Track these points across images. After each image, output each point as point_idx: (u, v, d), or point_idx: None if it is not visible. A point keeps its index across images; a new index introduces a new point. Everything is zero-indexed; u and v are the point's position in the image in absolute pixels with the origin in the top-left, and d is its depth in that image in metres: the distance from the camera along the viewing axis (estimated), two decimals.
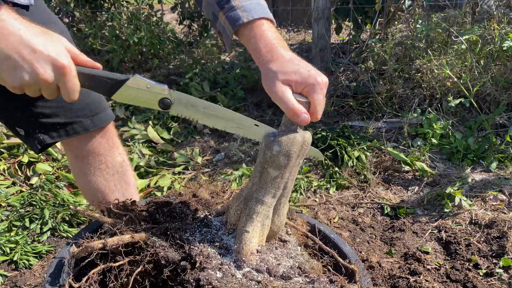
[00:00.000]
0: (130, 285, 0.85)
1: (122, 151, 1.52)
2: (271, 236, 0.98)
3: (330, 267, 0.99)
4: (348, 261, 1.01)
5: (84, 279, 0.83)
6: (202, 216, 1.04)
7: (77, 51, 0.92)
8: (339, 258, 1.00)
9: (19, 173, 2.45)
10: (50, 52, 0.84)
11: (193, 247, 0.90)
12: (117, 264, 0.87)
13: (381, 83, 3.24)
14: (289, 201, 2.19)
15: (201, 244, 0.91)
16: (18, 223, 2.03)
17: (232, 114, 1.01)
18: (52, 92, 0.89)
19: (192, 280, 0.83)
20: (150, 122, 3.11)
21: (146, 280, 0.88)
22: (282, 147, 0.89)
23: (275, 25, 1.03)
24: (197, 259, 0.87)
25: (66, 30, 1.35)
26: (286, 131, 0.90)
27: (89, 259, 0.87)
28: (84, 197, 1.63)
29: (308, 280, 0.89)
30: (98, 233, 0.95)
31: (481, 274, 1.69)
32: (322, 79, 0.91)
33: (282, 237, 1.02)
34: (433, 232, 1.98)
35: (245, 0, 1.00)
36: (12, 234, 1.95)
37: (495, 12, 3.13)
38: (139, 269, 0.87)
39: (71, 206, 2.00)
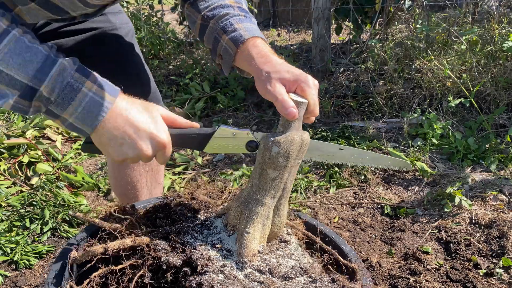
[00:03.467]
0: None
1: None
2: (271, 236, 0.98)
3: (331, 267, 0.99)
4: (348, 260, 1.01)
5: (86, 281, 0.83)
6: (202, 218, 1.04)
7: (174, 116, 0.98)
8: (339, 257, 1.00)
9: (20, 173, 2.45)
10: (152, 129, 0.90)
11: (194, 250, 0.90)
12: (119, 267, 0.87)
13: (381, 83, 3.24)
14: (289, 203, 2.19)
15: (202, 246, 0.91)
16: (18, 223, 2.03)
17: (316, 143, 1.05)
18: (149, 160, 0.96)
19: (194, 285, 0.83)
20: None
21: (148, 284, 0.88)
22: (280, 148, 0.88)
23: (267, 43, 1.11)
24: (198, 263, 0.86)
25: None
26: (284, 132, 0.90)
27: (91, 264, 0.87)
28: (113, 189, 1.68)
29: (310, 279, 0.89)
30: (99, 236, 0.94)
31: (481, 274, 1.69)
32: (314, 80, 0.97)
33: (282, 238, 1.02)
34: (433, 232, 1.98)
35: (245, 23, 1.11)
36: (12, 234, 1.95)
37: (495, 12, 3.13)
38: (140, 273, 0.87)
39: (70, 212, 2.01)
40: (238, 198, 0.97)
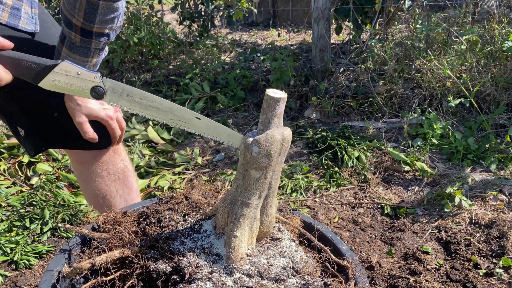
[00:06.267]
0: None
1: (125, 156, 1.52)
2: (261, 236, 0.97)
3: (328, 264, 0.98)
4: (342, 258, 0.99)
5: None
6: (192, 221, 1.02)
7: None
8: (331, 255, 0.98)
9: (19, 173, 2.45)
10: None
11: (181, 258, 0.88)
12: (108, 278, 0.87)
13: (381, 83, 3.24)
14: (289, 202, 2.19)
15: (190, 253, 0.90)
16: (18, 223, 2.03)
17: (171, 105, 0.95)
18: None
19: None
20: (150, 123, 3.11)
21: None
22: (261, 147, 0.85)
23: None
24: (186, 271, 0.85)
25: None
26: (264, 130, 0.87)
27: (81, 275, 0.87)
28: (86, 199, 1.65)
29: (302, 282, 0.88)
30: (88, 250, 0.94)
31: (481, 274, 1.69)
32: (107, 113, 1.30)
33: (274, 235, 1.00)
34: (433, 232, 1.98)
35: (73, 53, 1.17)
36: (12, 234, 1.95)
37: (495, 12, 3.13)
38: (129, 283, 0.86)
39: (59, 225, 1.98)
40: (225, 200, 0.95)
